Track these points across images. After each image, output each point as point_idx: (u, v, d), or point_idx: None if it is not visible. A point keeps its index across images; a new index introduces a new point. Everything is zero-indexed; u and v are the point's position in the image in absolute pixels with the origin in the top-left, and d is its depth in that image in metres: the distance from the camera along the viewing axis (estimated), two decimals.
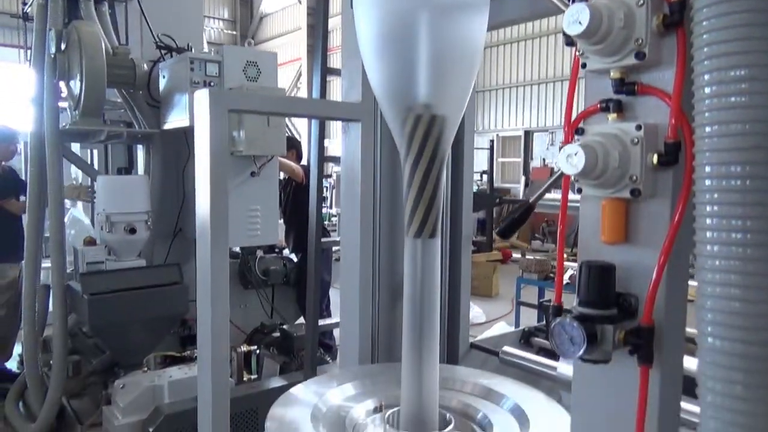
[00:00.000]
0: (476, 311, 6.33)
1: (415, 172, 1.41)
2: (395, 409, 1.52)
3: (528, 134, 13.58)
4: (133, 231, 3.43)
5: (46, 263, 3.73)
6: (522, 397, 1.61)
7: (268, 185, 3.80)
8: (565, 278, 4.50)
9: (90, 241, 3.53)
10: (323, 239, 2.88)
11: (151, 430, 2.86)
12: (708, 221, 0.59)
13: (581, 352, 0.69)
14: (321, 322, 2.91)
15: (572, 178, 0.75)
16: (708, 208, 0.59)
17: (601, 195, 0.75)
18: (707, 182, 0.60)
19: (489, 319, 6.42)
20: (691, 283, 0.84)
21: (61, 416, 3.61)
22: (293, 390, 1.66)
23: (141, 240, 3.55)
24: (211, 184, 1.85)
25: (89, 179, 4.19)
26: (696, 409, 0.65)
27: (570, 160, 0.70)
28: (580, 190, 0.77)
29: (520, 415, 1.53)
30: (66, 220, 3.75)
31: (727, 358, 0.56)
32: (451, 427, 1.45)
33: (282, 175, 4.68)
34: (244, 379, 3.38)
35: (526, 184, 12.38)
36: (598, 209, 0.76)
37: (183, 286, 3.51)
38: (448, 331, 2.54)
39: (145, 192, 3.61)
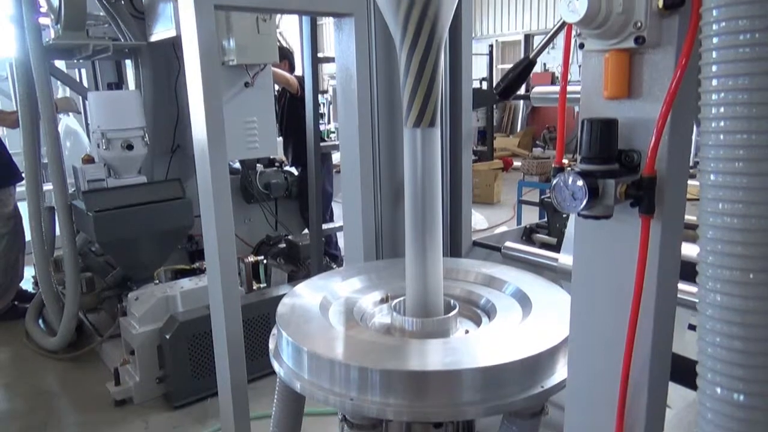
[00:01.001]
0: (478, 217, 6.40)
1: (411, 57, 1.37)
2: (401, 298, 1.56)
3: (528, 38, 13.11)
4: (130, 147, 3.41)
5: (47, 186, 3.75)
6: (524, 283, 1.65)
7: (263, 96, 3.73)
8: None
9: (88, 159, 3.51)
10: (322, 143, 2.86)
11: (167, 336, 2.98)
12: (714, 54, 0.57)
13: (582, 206, 0.69)
14: (325, 226, 2.95)
15: (574, 31, 0.72)
16: (714, 40, 0.56)
17: (604, 47, 0.72)
18: (714, 12, 0.56)
19: (491, 225, 6.50)
20: (692, 182, 0.84)
21: (80, 330, 3.76)
22: (300, 285, 1.70)
23: (139, 156, 3.53)
24: (203, 89, 1.81)
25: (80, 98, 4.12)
26: (695, 289, 0.66)
27: (571, 6, 0.66)
28: (582, 46, 0.74)
29: (522, 298, 1.57)
30: (60, 130, 3.68)
31: (730, 192, 0.56)
32: (455, 311, 1.50)
33: (276, 87, 4.58)
34: (254, 288, 3.48)
35: (527, 90, 12.12)
36: (601, 65, 0.74)
37: (186, 200, 3.53)
38: (450, 229, 2.57)
39: (139, 107, 3.54)
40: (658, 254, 0.71)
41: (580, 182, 0.69)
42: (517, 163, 9.86)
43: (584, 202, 0.68)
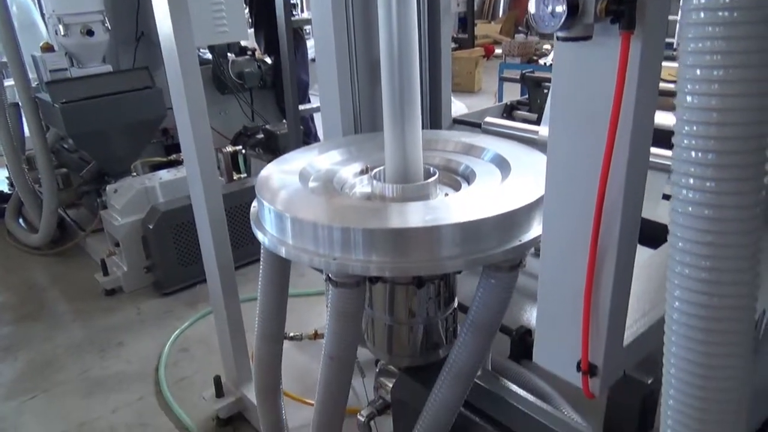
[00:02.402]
0: (458, 105, 6.29)
1: None
2: (381, 167, 1.55)
3: None
4: (90, 33, 3.22)
5: (7, 82, 3.57)
6: (503, 149, 1.65)
7: None
8: None
9: (47, 47, 3.32)
10: (294, 18, 2.72)
11: (150, 226, 3.00)
12: None
13: (561, 23, 0.66)
14: (302, 107, 2.89)
15: None
16: None
17: None
18: None
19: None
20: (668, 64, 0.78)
21: (62, 227, 3.76)
22: (278, 159, 1.68)
23: (101, 43, 3.35)
24: None
25: None
26: (669, 153, 0.65)
27: None
28: None
29: (501, 162, 1.57)
30: None
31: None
32: (434, 177, 1.50)
33: None
34: (234, 178, 3.46)
35: None
36: None
37: (156, 89, 3.40)
38: (430, 109, 2.53)
39: None
40: (637, 74, 0.70)
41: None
42: (498, 51, 9.59)
43: (563, 19, 0.66)
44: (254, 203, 1.56)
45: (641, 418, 1.60)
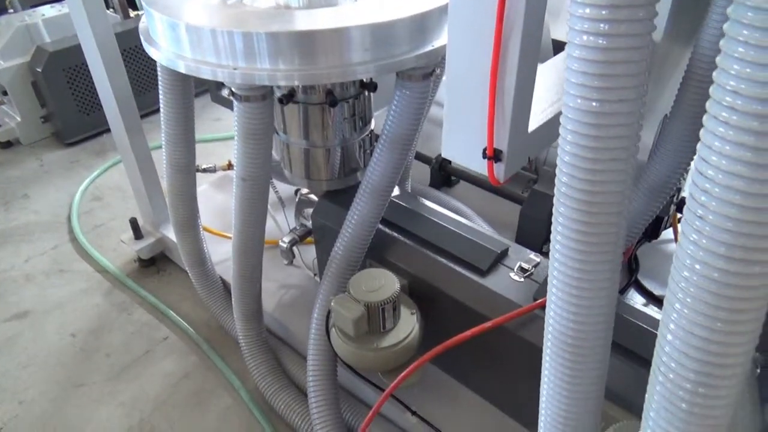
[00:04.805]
0: None
1: None
2: None
3: None
4: None
5: None
6: None
7: None
8: None
9: None
10: None
11: (39, 69, 2.70)
12: None
13: None
14: None
15: None
16: None
17: None
18: None
19: None
20: None
21: None
22: None
23: None
24: None
25: None
26: None
27: None
28: None
29: None
30: None
31: None
32: None
33: None
34: (131, 15, 3.12)
35: None
36: None
37: None
38: None
39: None
40: None
41: None
42: None
43: None
44: (143, 18, 1.41)
45: (549, 229, 1.72)
